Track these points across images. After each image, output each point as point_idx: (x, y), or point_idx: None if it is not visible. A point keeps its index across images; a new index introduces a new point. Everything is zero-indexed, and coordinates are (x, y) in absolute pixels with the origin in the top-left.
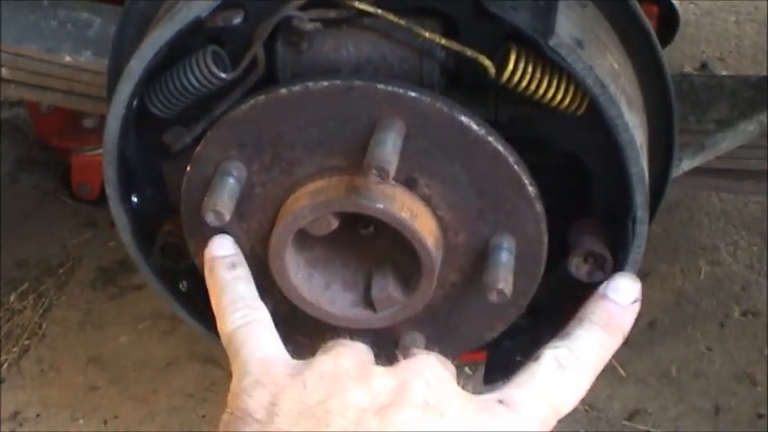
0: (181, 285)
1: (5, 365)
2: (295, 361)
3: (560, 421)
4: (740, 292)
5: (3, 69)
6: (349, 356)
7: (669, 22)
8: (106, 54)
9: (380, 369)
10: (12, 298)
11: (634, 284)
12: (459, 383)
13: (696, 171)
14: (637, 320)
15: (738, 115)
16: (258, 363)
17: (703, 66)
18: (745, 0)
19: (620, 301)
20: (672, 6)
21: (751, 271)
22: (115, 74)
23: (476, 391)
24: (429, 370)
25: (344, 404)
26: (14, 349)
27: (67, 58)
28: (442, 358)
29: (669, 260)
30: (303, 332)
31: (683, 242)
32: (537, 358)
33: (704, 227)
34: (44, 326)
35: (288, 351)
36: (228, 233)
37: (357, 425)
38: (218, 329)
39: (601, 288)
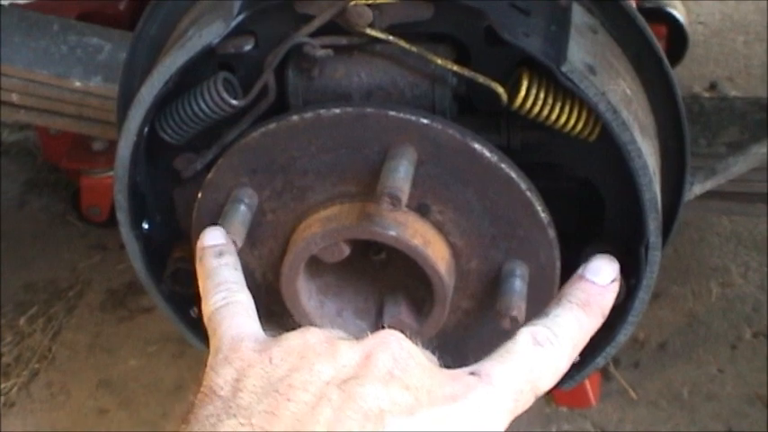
0: (191, 311)
1: (15, 389)
2: (265, 337)
3: None
4: (752, 313)
5: (13, 95)
6: (317, 333)
7: (678, 43)
8: (116, 79)
9: (347, 343)
10: (21, 321)
11: (612, 265)
12: None
13: (707, 194)
14: (648, 342)
15: (749, 138)
16: (229, 340)
17: (712, 86)
18: (754, 20)
19: (598, 281)
20: (681, 27)
21: (762, 292)
22: (125, 100)
23: None
24: (396, 342)
25: (308, 378)
26: (24, 372)
27: (77, 83)
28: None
29: (680, 282)
30: None
31: (693, 263)
32: (513, 336)
33: (715, 248)
34: (53, 349)
35: None
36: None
37: (319, 399)
38: (202, 312)
39: (579, 269)
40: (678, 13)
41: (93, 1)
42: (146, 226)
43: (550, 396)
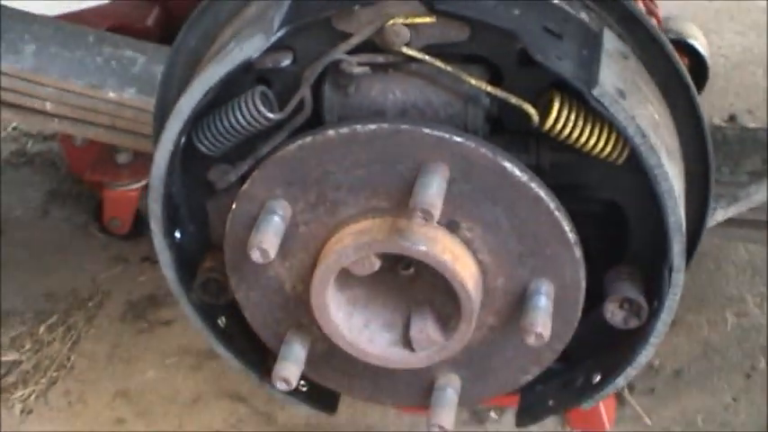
0: (219, 321)
1: (33, 396)
2: None
3: None
4: (766, 343)
5: (47, 104)
6: None
7: (699, 75)
8: (150, 91)
9: None
10: (41, 329)
11: None
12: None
13: (727, 221)
14: (663, 369)
15: None
16: None
17: (732, 118)
18: None
19: None
20: (702, 59)
21: None
22: (162, 111)
23: None
24: None
25: None
26: (42, 380)
27: (111, 94)
28: None
29: (695, 310)
30: (339, 370)
31: (709, 292)
32: None
33: (731, 277)
34: (72, 358)
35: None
36: (272, 270)
37: None
38: None
39: None
40: (699, 45)
41: (122, 15)
42: (178, 235)
43: (565, 419)
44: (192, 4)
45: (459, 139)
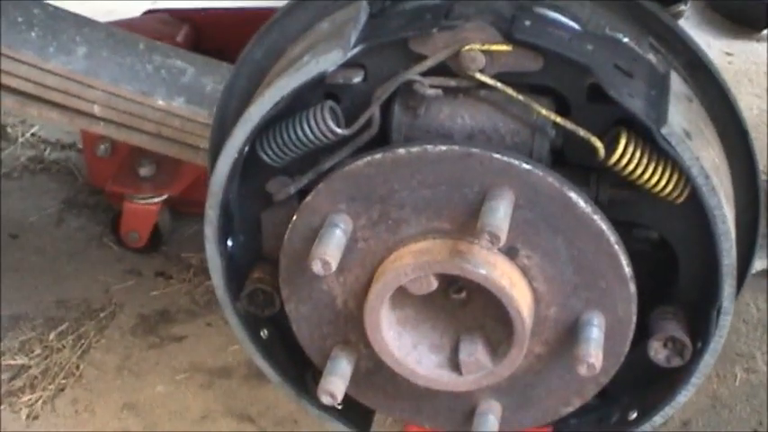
0: (262, 333)
1: (40, 402)
2: None
3: None
4: None
5: (95, 107)
6: None
7: None
8: (198, 102)
9: None
10: (51, 336)
11: None
12: None
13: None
14: (671, 420)
15: None
16: None
17: None
18: None
19: None
20: None
21: None
22: (221, 121)
23: None
24: None
25: None
26: (50, 387)
27: (160, 102)
28: None
29: None
30: (381, 389)
31: (720, 348)
32: None
33: (741, 334)
34: (81, 367)
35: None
36: (325, 283)
37: None
38: None
39: None
40: None
41: (152, 30)
42: (230, 243)
43: None
44: (223, 24)
45: (527, 167)
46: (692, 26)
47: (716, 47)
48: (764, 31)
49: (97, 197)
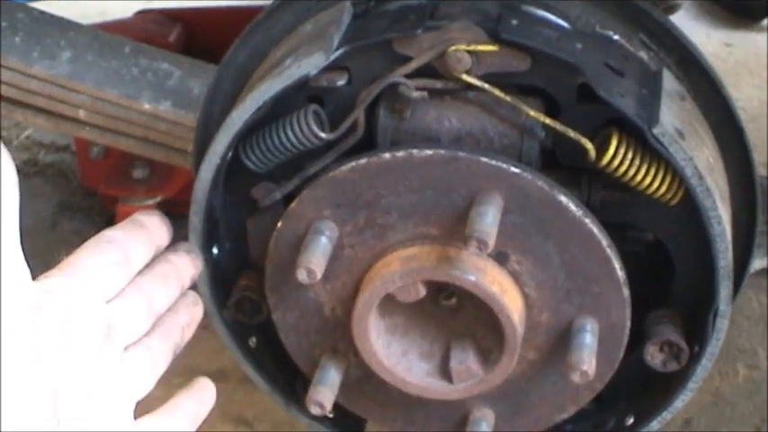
0: (250, 341)
1: None
2: None
3: None
4: None
5: (81, 111)
6: None
7: None
8: (185, 105)
9: None
10: None
11: None
12: None
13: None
14: (673, 418)
15: None
16: None
17: None
18: None
19: None
20: None
21: None
22: (205, 125)
23: None
24: None
25: None
26: None
27: (146, 106)
28: None
29: None
30: (372, 398)
31: (722, 344)
32: None
33: (743, 330)
34: None
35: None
36: (312, 291)
37: None
38: None
39: None
40: None
41: (144, 30)
42: (215, 251)
43: None
44: (215, 23)
45: (516, 170)
46: (690, 17)
47: (715, 38)
48: (764, 22)
49: (92, 200)
